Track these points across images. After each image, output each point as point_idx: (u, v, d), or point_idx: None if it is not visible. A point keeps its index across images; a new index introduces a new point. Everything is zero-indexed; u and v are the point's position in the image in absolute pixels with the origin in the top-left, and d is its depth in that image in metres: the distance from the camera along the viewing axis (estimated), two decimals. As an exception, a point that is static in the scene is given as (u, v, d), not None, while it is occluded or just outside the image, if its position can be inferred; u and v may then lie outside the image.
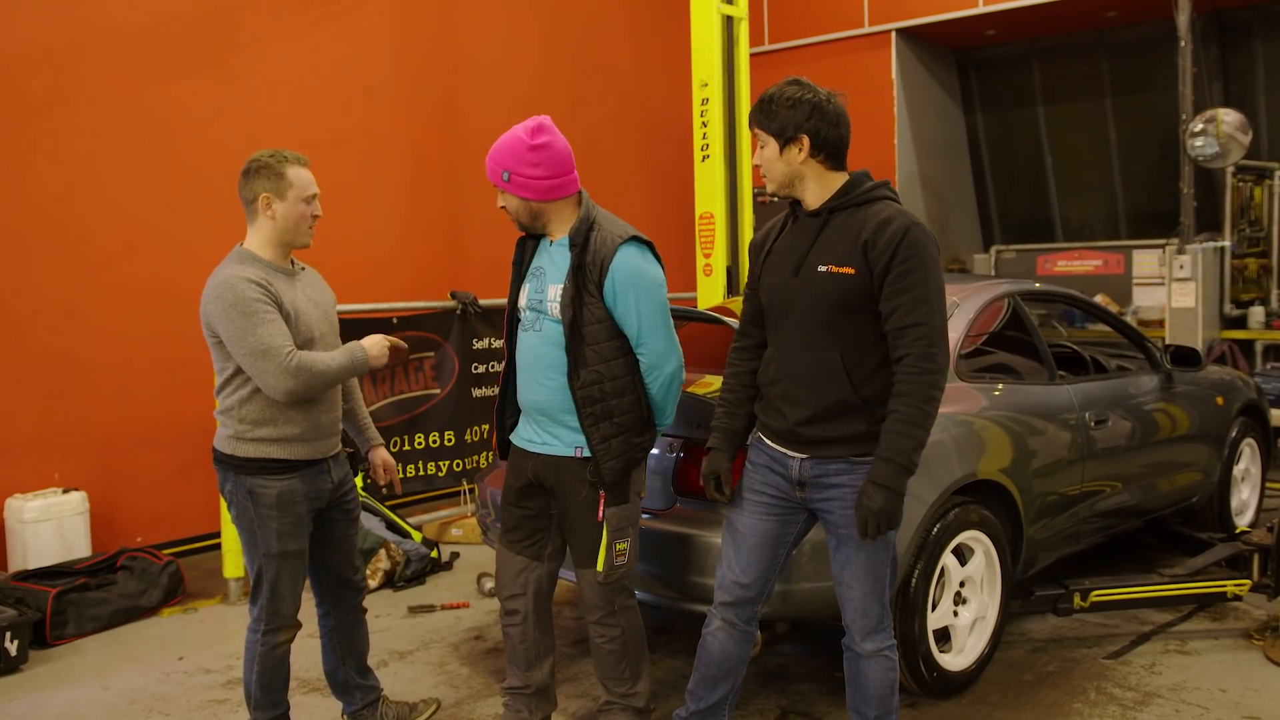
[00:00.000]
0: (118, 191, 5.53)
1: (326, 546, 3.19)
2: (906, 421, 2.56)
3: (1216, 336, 7.82)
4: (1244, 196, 8.27)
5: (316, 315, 3.04)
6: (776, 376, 2.77)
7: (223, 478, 3.01)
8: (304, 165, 3.03)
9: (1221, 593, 4.28)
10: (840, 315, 2.64)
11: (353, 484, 3.25)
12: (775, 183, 2.75)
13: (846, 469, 2.69)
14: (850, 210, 2.68)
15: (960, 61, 10.19)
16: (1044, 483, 4.03)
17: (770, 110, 2.68)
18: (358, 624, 3.32)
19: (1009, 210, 10.52)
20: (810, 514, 2.83)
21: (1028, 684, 3.79)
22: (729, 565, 2.87)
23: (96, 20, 5.45)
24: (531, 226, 3.00)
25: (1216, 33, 8.96)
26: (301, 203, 2.98)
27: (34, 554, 4.89)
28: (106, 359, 5.46)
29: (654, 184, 8.35)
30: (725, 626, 2.91)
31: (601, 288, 2.86)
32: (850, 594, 2.75)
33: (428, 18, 7.09)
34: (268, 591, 3.02)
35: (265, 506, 2.96)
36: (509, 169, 2.89)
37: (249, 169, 3.00)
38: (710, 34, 6.19)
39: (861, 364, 2.66)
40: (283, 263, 3.03)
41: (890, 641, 2.81)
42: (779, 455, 2.80)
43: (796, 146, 2.67)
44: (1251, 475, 5.68)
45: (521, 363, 3.03)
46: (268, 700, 3.11)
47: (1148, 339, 5.06)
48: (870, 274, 2.60)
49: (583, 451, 2.95)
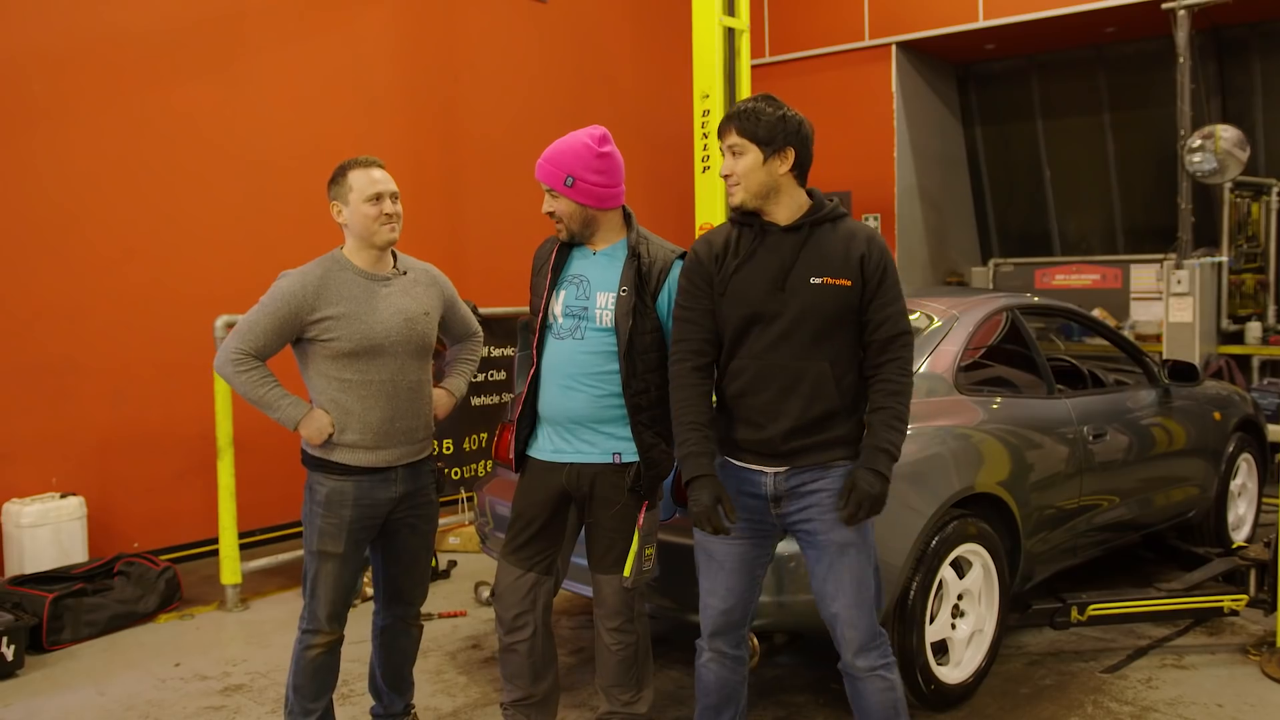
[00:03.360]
0: (117, 196, 5.54)
1: (388, 555, 3.21)
2: (898, 418, 2.67)
3: (1214, 351, 7.84)
4: (1241, 212, 8.30)
5: (392, 324, 3.03)
6: (752, 388, 2.71)
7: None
8: (369, 167, 3.03)
9: (1218, 608, 4.28)
10: (831, 326, 2.67)
11: (428, 499, 3.23)
12: (750, 193, 2.69)
13: (821, 474, 2.70)
14: (828, 225, 2.72)
15: (960, 75, 10.23)
16: (1042, 496, 4.04)
17: (756, 119, 2.66)
18: (401, 634, 3.31)
19: (1007, 224, 10.56)
20: (782, 532, 2.82)
21: (1025, 697, 3.79)
22: (710, 593, 2.84)
23: (97, 25, 5.47)
24: (579, 234, 2.99)
25: (1215, 49, 9.00)
26: (365, 204, 2.99)
27: (31, 559, 4.88)
28: (105, 363, 5.46)
29: (654, 194, 8.37)
30: (716, 657, 2.88)
31: (656, 299, 2.93)
32: (835, 606, 2.72)
33: (430, 26, 7.11)
34: (309, 590, 3.06)
35: (316, 503, 3.03)
36: (574, 174, 2.90)
37: (328, 181, 3.10)
38: (711, 45, 6.22)
39: (846, 374, 2.70)
40: (372, 267, 3.06)
41: (885, 660, 2.75)
42: (749, 475, 2.75)
43: (780, 159, 2.67)
44: (1248, 490, 5.69)
45: (552, 370, 2.99)
46: (300, 706, 3.11)
47: (1145, 353, 5.07)
48: (864, 287, 2.67)
49: (620, 458, 2.95)
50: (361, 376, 3.00)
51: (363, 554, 3.13)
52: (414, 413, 3.13)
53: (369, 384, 3.01)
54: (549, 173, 2.93)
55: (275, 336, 2.95)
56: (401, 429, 3.08)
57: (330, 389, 3.00)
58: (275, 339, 2.95)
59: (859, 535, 2.70)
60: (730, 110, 2.72)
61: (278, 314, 2.93)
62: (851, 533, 2.68)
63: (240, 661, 4.27)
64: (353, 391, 3.00)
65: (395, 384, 3.06)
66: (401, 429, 3.08)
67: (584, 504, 3.03)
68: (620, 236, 3.02)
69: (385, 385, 3.04)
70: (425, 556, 3.29)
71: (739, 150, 2.68)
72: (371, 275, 3.06)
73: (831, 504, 2.67)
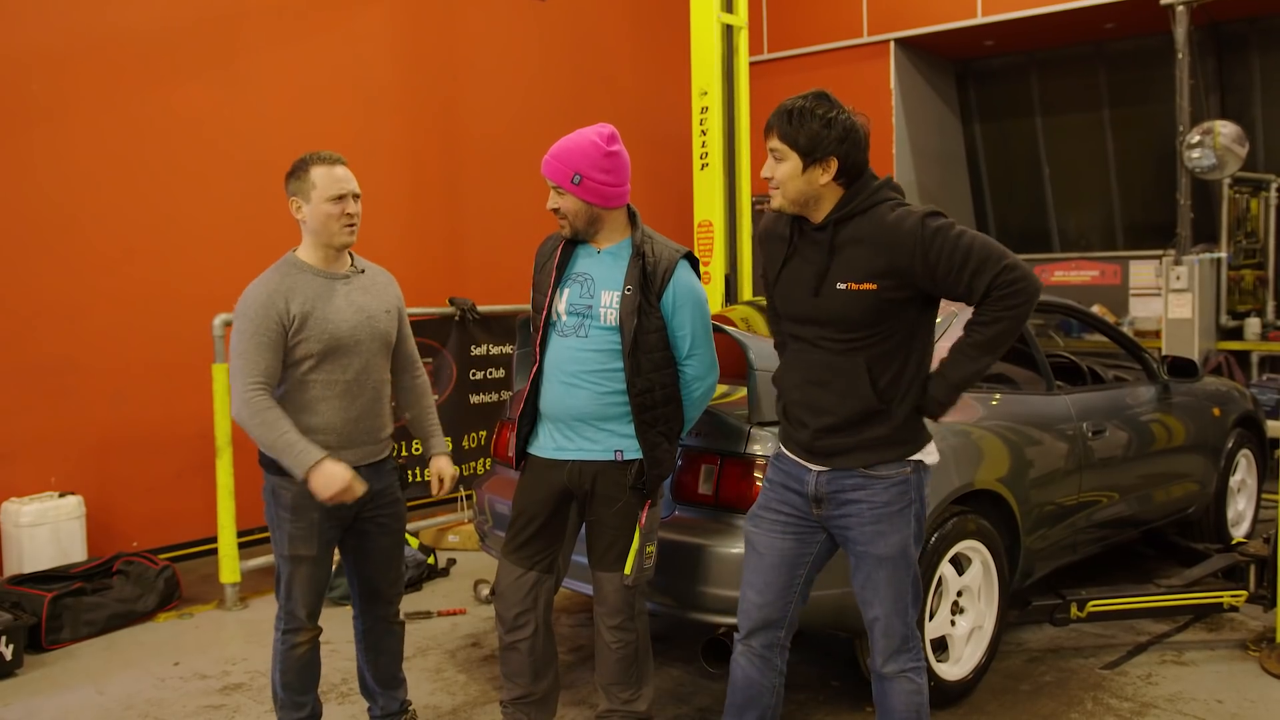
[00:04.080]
0: (116, 196, 5.53)
1: (360, 556, 3.19)
2: (968, 346, 2.54)
3: (1213, 348, 7.83)
4: (1240, 208, 8.30)
5: (355, 321, 3.00)
6: (797, 382, 2.69)
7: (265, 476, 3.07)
8: (333, 164, 2.99)
9: (1218, 604, 4.28)
10: (866, 328, 2.56)
11: (394, 497, 3.21)
12: (789, 199, 2.57)
13: (863, 484, 2.61)
14: (859, 219, 2.55)
15: (959, 72, 10.22)
16: (1041, 493, 4.03)
17: (800, 123, 2.50)
18: (386, 633, 3.30)
19: (1007, 220, 10.55)
20: (829, 535, 2.74)
21: (1025, 694, 3.79)
22: (748, 585, 2.79)
23: (96, 24, 5.46)
24: (583, 232, 2.99)
25: (1213, 45, 9.00)
26: (327, 203, 2.96)
27: (30, 558, 4.87)
28: (104, 363, 5.45)
29: (653, 192, 8.35)
30: (745, 652, 2.82)
31: (660, 299, 2.92)
32: (873, 614, 2.67)
33: (428, 25, 7.10)
34: (284, 592, 3.05)
35: (283, 508, 2.99)
36: (581, 171, 2.89)
37: (287, 174, 3.03)
38: (710, 42, 6.21)
39: (885, 370, 2.59)
40: (328, 266, 3.03)
41: (916, 663, 2.70)
42: (797, 471, 2.71)
43: (822, 168, 2.52)
44: (1248, 486, 5.69)
45: (555, 368, 2.99)
46: (290, 700, 3.12)
47: (1145, 350, 5.07)
48: (907, 283, 2.51)
49: (623, 455, 2.95)
50: (326, 376, 2.97)
51: (333, 551, 3.12)
52: (376, 412, 3.10)
53: (333, 383, 2.98)
54: (556, 169, 2.91)
55: (271, 353, 2.89)
56: (365, 428, 3.06)
57: (295, 390, 2.97)
58: (272, 355, 2.89)
59: (899, 549, 2.62)
60: (780, 107, 2.56)
61: (260, 328, 2.88)
62: (891, 546, 2.61)
63: (239, 660, 4.27)
64: (317, 391, 2.97)
65: (360, 383, 3.03)
66: (365, 428, 3.06)
67: (585, 501, 3.03)
68: (625, 235, 3.02)
69: (350, 385, 3.01)
70: (398, 554, 3.28)
71: (779, 155, 2.55)
72: (329, 274, 3.02)
73: (872, 517, 2.60)
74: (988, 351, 2.53)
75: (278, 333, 2.89)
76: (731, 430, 3.36)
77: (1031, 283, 2.48)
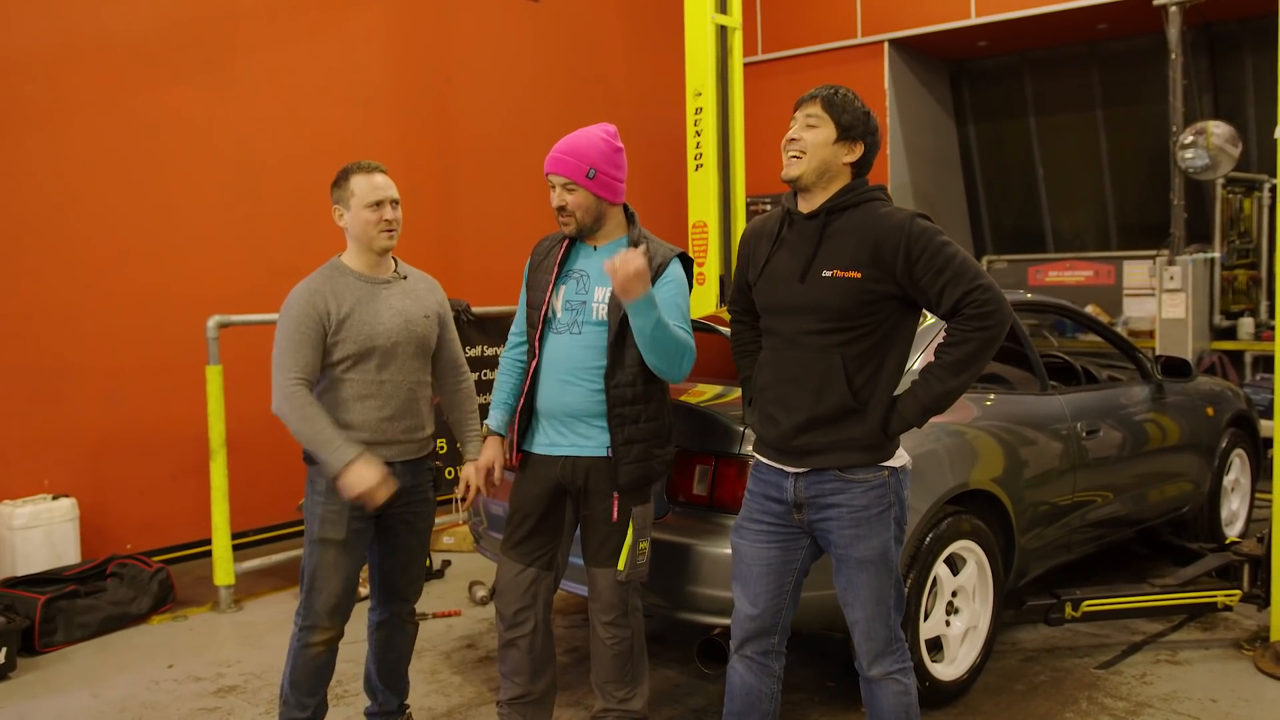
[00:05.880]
0: (112, 197, 5.52)
1: (384, 551, 3.23)
2: (938, 367, 2.55)
3: (1206, 347, 7.86)
4: (1234, 208, 8.33)
5: (393, 325, 3.06)
6: (772, 380, 2.70)
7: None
8: (371, 172, 3.06)
9: (1212, 603, 4.30)
10: (845, 320, 2.58)
11: (424, 496, 3.24)
12: (811, 167, 2.61)
13: (842, 487, 2.62)
14: (847, 211, 2.62)
15: (952, 72, 10.24)
16: (1036, 492, 4.04)
17: (844, 102, 2.63)
18: (397, 631, 3.32)
19: (1000, 220, 10.57)
20: (813, 539, 2.74)
21: (1020, 694, 3.80)
22: (739, 598, 2.80)
23: (92, 26, 5.45)
24: (589, 228, 3.00)
25: (1206, 45, 9.02)
26: (365, 209, 3.03)
27: (23, 560, 4.86)
28: (98, 364, 5.44)
29: (647, 192, 8.35)
30: (741, 659, 2.82)
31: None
32: (854, 616, 2.68)
33: (422, 26, 7.10)
34: (307, 583, 3.07)
35: (318, 493, 3.05)
36: (596, 166, 2.92)
37: (331, 183, 3.12)
38: (704, 43, 6.22)
39: (861, 370, 2.60)
40: (371, 271, 3.11)
41: (902, 664, 2.71)
42: (774, 477, 2.71)
43: (849, 148, 2.63)
44: (1241, 486, 5.70)
45: (551, 365, 3.01)
46: (296, 700, 3.12)
47: (1139, 350, 5.08)
48: (892, 273, 2.54)
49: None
50: (362, 376, 3.04)
51: (362, 549, 3.14)
52: (413, 412, 3.15)
53: (369, 384, 3.05)
54: (570, 165, 2.92)
55: (311, 349, 2.97)
56: (400, 428, 3.11)
57: (331, 388, 3.04)
58: (312, 352, 2.97)
59: (879, 553, 2.62)
60: (818, 89, 2.67)
61: (302, 325, 2.96)
62: (871, 550, 2.62)
63: (234, 663, 4.26)
64: (353, 390, 3.03)
65: (396, 385, 3.09)
66: (400, 428, 3.11)
67: (579, 497, 3.04)
68: (621, 233, 3.05)
69: (386, 386, 3.07)
70: (421, 554, 3.31)
71: (815, 123, 2.61)
72: (371, 279, 3.10)
73: (851, 520, 2.61)
74: (956, 374, 2.54)
75: (318, 331, 2.98)
76: (726, 431, 3.36)
77: (1002, 309, 2.51)
